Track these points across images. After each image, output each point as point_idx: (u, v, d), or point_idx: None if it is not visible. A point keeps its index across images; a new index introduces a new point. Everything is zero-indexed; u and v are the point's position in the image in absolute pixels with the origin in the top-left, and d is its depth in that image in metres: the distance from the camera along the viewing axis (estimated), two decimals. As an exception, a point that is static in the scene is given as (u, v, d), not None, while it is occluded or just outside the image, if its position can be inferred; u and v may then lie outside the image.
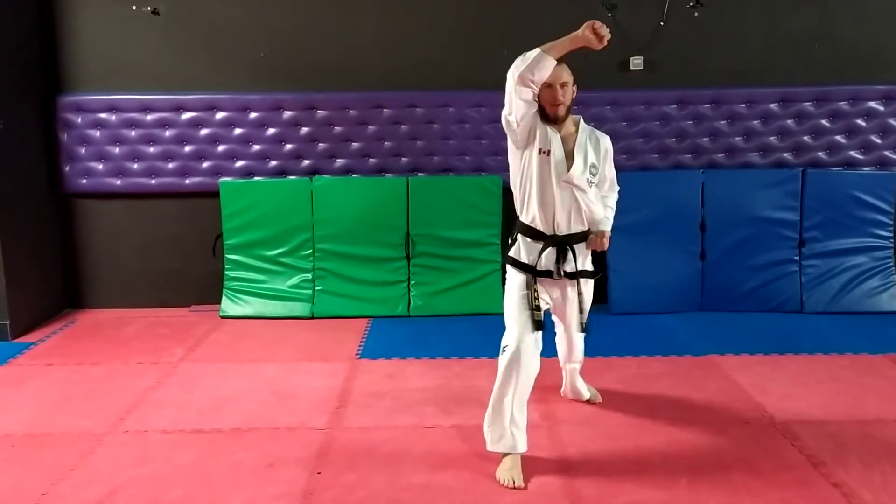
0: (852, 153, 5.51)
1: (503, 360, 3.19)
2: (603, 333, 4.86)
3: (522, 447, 3.17)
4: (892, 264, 5.44)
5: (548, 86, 3.20)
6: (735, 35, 5.45)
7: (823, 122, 5.48)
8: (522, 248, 3.36)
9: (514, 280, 3.36)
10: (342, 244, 5.47)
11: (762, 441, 3.42)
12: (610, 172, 3.52)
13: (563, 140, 3.28)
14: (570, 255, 3.35)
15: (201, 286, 5.61)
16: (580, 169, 3.26)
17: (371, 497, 3.00)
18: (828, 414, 3.70)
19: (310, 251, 5.49)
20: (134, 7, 5.32)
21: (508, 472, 3.10)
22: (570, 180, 3.25)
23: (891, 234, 5.45)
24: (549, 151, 3.22)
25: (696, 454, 3.31)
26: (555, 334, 3.74)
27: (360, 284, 5.45)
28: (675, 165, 5.54)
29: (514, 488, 3.04)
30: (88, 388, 4.14)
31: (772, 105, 5.47)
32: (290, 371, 4.36)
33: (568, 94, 3.27)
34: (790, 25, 5.44)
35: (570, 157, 3.26)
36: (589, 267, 3.51)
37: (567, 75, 3.27)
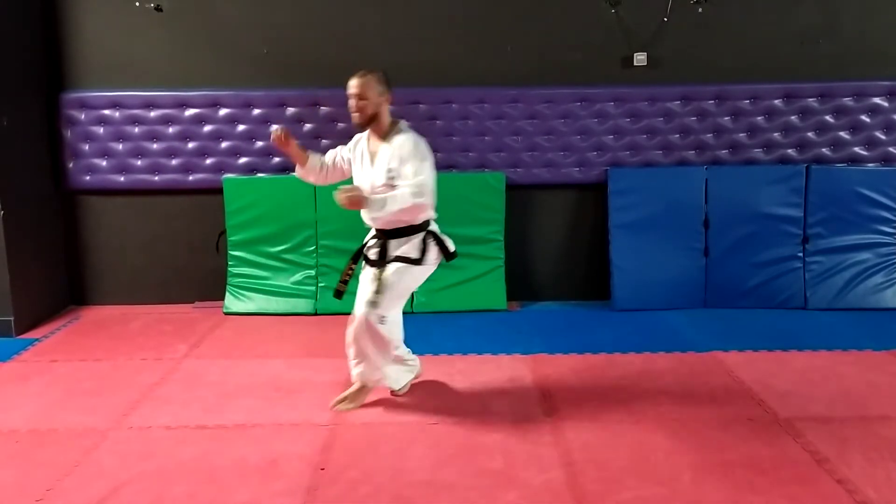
0: (856, 149, 5.50)
1: (383, 323, 3.72)
2: (606, 330, 4.87)
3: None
4: (895, 260, 5.44)
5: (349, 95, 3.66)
6: (739, 31, 5.44)
7: (828, 118, 5.47)
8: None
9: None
10: (345, 240, 5.45)
11: (766, 438, 3.42)
12: (412, 167, 3.61)
13: (372, 153, 3.73)
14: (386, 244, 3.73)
15: (205, 283, 5.62)
16: (372, 176, 3.67)
17: (374, 493, 3.00)
18: (831, 411, 3.69)
19: (313, 248, 5.50)
20: (137, 3, 5.32)
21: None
22: (362, 189, 3.67)
23: (895, 231, 5.43)
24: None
25: (700, 450, 3.31)
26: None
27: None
28: (679, 162, 5.53)
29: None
30: (92, 385, 4.15)
31: (776, 101, 5.45)
32: (293, 367, 4.37)
33: (366, 106, 3.67)
34: (794, 21, 5.42)
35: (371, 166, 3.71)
36: (402, 254, 3.74)
37: (365, 88, 3.68)
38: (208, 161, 5.53)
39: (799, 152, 5.51)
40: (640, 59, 5.44)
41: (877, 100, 5.44)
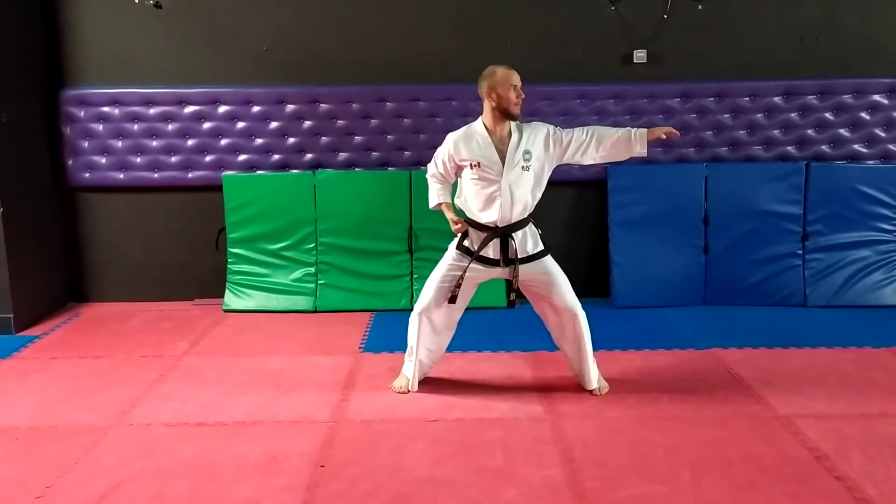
0: (856, 147, 5.49)
1: (413, 313, 3.91)
2: (606, 327, 4.86)
3: (413, 384, 3.91)
4: (895, 258, 5.42)
5: (514, 87, 3.65)
6: (739, 28, 5.43)
7: (827, 115, 5.46)
8: (472, 239, 3.77)
9: (452, 261, 3.80)
10: (345, 238, 5.47)
11: (765, 435, 3.42)
12: (569, 136, 3.72)
13: (500, 140, 3.67)
14: (511, 243, 3.70)
15: (204, 280, 5.62)
16: (515, 161, 3.63)
17: (374, 490, 3.00)
18: (831, 408, 3.69)
19: (313, 245, 5.49)
20: (136, 0, 5.32)
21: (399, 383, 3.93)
22: (508, 175, 3.62)
23: (894, 228, 5.43)
24: (478, 164, 3.64)
25: (699, 447, 3.31)
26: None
27: (363, 278, 5.45)
28: (679, 159, 5.53)
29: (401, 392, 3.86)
30: (92, 382, 4.15)
31: (776, 98, 5.45)
32: (293, 364, 4.37)
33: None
34: (794, 18, 5.42)
35: (506, 156, 3.64)
36: (534, 250, 3.76)
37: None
38: (208, 158, 5.53)
39: (799, 149, 5.51)
40: (639, 56, 5.44)
41: (877, 97, 5.43)
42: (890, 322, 4.98)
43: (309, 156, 5.54)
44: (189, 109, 5.47)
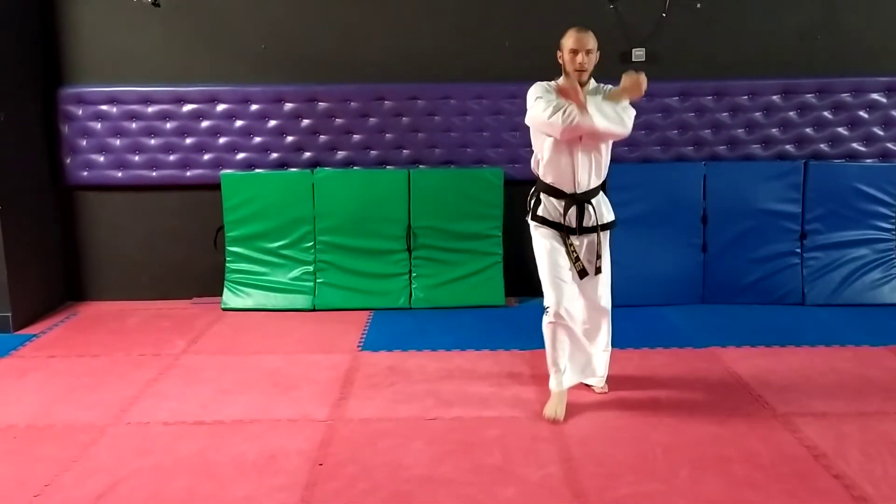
0: (854, 145, 5.50)
1: (546, 322, 3.59)
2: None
3: (562, 386, 3.63)
4: (893, 256, 5.43)
5: (573, 52, 3.44)
6: (737, 27, 5.43)
7: (826, 114, 5.47)
8: (548, 207, 3.62)
9: (543, 241, 3.62)
10: (343, 236, 5.47)
11: (763, 433, 3.42)
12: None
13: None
14: (589, 210, 3.59)
15: (203, 278, 5.61)
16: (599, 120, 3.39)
17: (372, 489, 3.00)
18: (829, 406, 3.70)
19: (311, 243, 5.49)
20: (135, -1, 5.32)
21: (553, 407, 3.56)
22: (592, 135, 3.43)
23: (893, 227, 5.43)
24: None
25: (698, 446, 3.31)
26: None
27: (362, 277, 5.45)
28: (677, 158, 5.53)
29: (554, 421, 3.50)
30: (90, 380, 4.15)
31: (774, 97, 5.45)
32: (291, 363, 4.37)
33: (592, 60, 3.49)
34: (792, 17, 5.42)
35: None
36: (610, 217, 3.72)
37: (592, 42, 3.47)
38: (206, 157, 5.53)
39: (797, 148, 5.51)
40: (638, 54, 5.43)
41: (875, 96, 5.44)
42: (888, 320, 4.99)
43: (307, 154, 5.53)
44: (187, 108, 5.47)
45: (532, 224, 3.69)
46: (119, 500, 2.96)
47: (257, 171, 5.52)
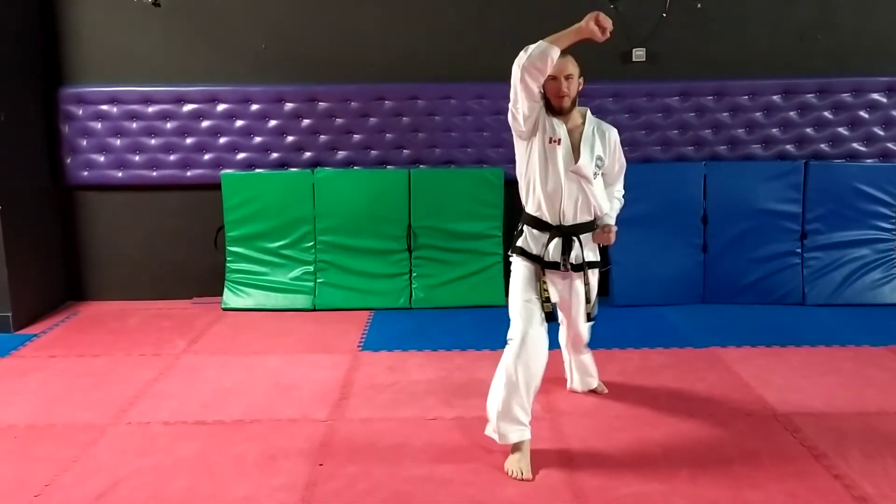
0: (855, 145, 5.50)
1: (508, 353, 3.19)
2: (605, 326, 4.84)
3: (524, 437, 3.16)
4: (894, 256, 5.42)
5: (552, 78, 3.15)
6: (737, 27, 5.43)
7: (826, 114, 5.47)
8: (529, 240, 3.34)
9: (520, 272, 3.32)
10: (344, 236, 5.47)
11: (763, 433, 3.42)
12: (620, 161, 3.45)
13: (570, 132, 3.25)
14: (576, 245, 3.31)
15: (203, 278, 5.61)
16: (587, 160, 3.23)
17: (373, 489, 3.00)
18: (829, 406, 3.70)
19: (311, 243, 5.49)
20: (135, -2, 5.33)
21: (517, 463, 3.10)
22: (579, 171, 3.22)
23: (893, 227, 5.43)
24: (558, 140, 3.20)
25: (698, 446, 3.31)
26: (558, 326, 3.71)
27: (362, 277, 5.45)
28: (678, 157, 5.53)
29: (522, 479, 3.04)
30: (91, 380, 4.15)
31: (774, 97, 5.45)
32: (291, 363, 4.37)
33: (573, 86, 3.23)
34: (793, 17, 5.42)
35: (576, 149, 3.24)
36: (595, 258, 3.46)
37: (572, 67, 3.23)
38: (206, 156, 5.53)
39: (797, 148, 5.51)
40: (638, 54, 5.44)
41: (875, 96, 5.44)
42: (888, 320, 4.98)
43: (308, 154, 5.53)
44: (188, 108, 5.47)
45: (512, 257, 3.39)
46: (119, 499, 2.96)
47: (257, 170, 5.52)
